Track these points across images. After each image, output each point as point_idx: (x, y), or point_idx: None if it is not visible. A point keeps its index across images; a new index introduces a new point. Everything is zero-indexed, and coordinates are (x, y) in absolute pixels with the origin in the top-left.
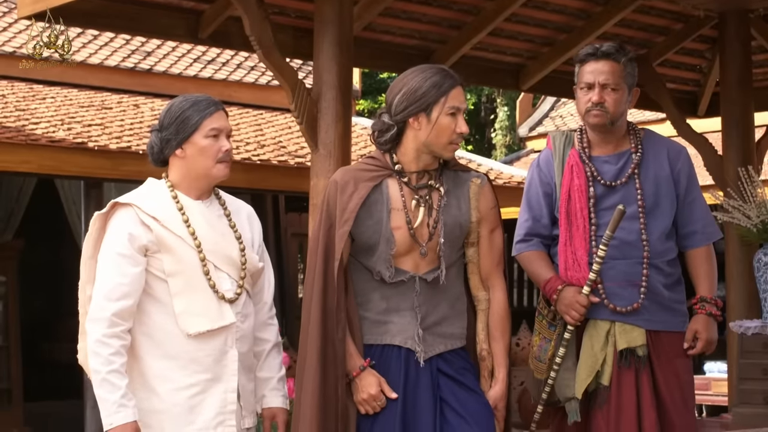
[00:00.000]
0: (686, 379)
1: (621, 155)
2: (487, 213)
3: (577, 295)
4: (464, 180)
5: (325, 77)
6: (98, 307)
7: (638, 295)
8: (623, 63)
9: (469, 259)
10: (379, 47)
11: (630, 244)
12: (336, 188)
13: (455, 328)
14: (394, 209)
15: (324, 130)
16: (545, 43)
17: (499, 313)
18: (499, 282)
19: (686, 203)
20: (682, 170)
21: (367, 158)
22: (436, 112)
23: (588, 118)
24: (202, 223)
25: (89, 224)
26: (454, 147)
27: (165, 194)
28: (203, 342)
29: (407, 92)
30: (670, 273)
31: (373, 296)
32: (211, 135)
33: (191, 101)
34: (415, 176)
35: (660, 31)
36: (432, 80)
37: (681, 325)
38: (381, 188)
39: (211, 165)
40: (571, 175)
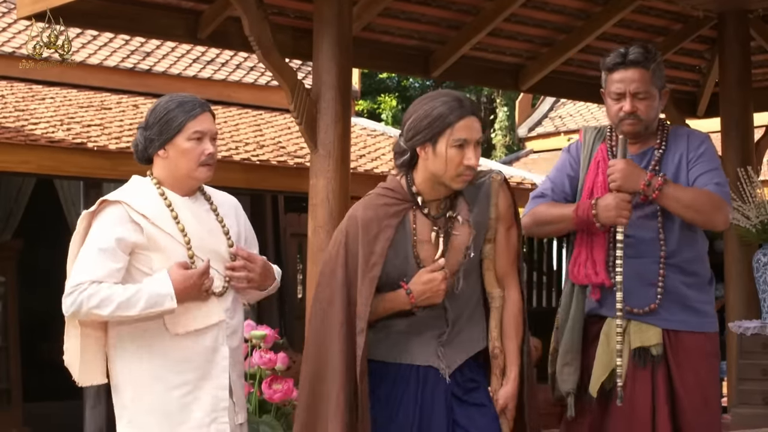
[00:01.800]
0: (708, 379)
1: (645, 153)
2: (506, 210)
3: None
4: (482, 183)
5: (325, 77)
6: (69, 286)
7: (655, 295)
8: (652, 69)
9: (485, 255)
10: (378, 47)
11: (646, 243)
12: (357, 226)
13: (473, 333)
14: (419, 242)
15: (323, 130)
16: (544, 43)
17: (513, 312)
18: (515, 281)
19: (696, 176)
20: (698, 149)
21: (384, 189)
22: (442, 144)
23: (622, 127)
24: (190, 219)
25: (78, 223)
26: (464, 179)
27: (152, 191)
28: (192, 341)
29: (415, 120)
30: (695, 272)
31: (395, 319)
32: (194, 138)
33: (177, 102)
34: (435, 205)
35: (659, 31)
36: (439, 110)
37: (706, 325)
38: (404, 223)
39: (193, 167)
40: (596, 170)
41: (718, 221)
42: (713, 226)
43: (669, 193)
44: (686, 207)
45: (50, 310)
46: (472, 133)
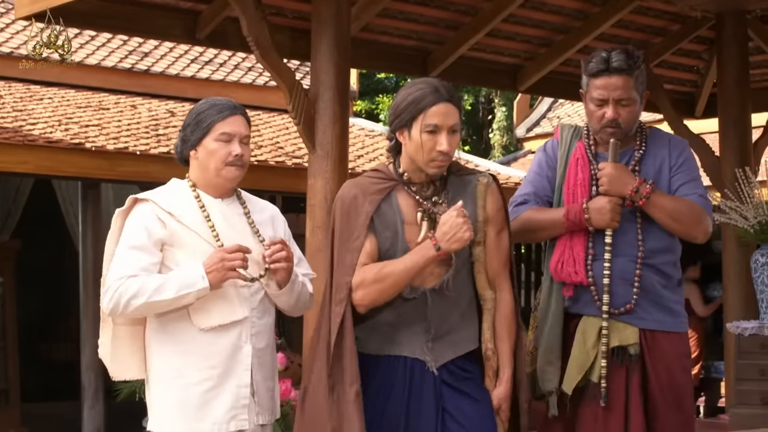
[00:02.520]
0: (682, 381)
1: (624, 154)
2: (495, 213)
3: (609, 197)
4: (469, 181)
5: (323, 78)
6: (105, 284)
7: (632, 294)
8: (635, 75)
9: (475, 258)
10: (376, 48)
11: (624, 242)
12: (343, 204)
13: (467, 332)
14: (408, 223)
15: (321, 130)
16: (543, 43)
17: (505, 314)
18: (507, 283)
19: (678, 185)
20: (679, 157)
21: (371, 171)
22: (416, 129)
23: (602, 134)
24: (221, 220)
25: (112, 221)
26: (437, 164)
27: (186, 192)
28: (216, 337)
29: (394, 106)
30: (669, 274)
31: (383, 308)
32: (222, 139)
33: (210, 104)
34: (420, 187)
35: (657, 32)
36: (414, 96)
37: (679, 325)
38: (390, 200)
39: (220, 167)
40: (576, 168)
41: (698, 233)
42: (692, 237)
43: (656, 201)
44: (670, 216)
45: (48, 310)
46: (446, 119)
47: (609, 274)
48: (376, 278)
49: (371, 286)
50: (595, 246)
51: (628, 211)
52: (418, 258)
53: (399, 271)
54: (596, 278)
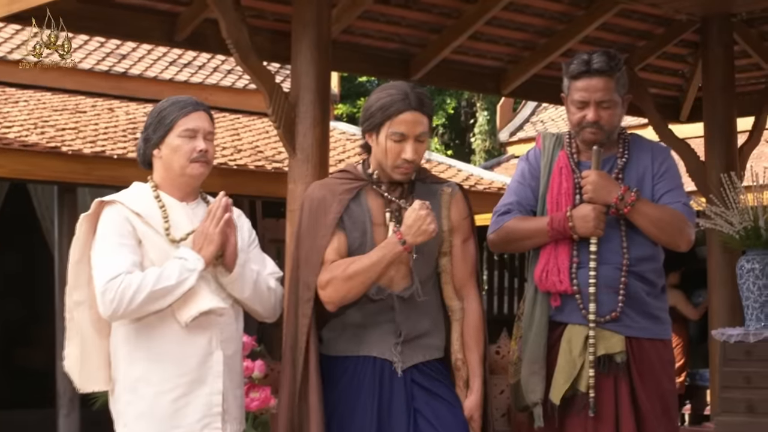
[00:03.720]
0: (668, 388)
1: (607, 161)
2: (460, 222)
3: (594, 205)
4: (435, 190)
5: (303, 81)
6: (100, 285)
7: (617, 302)
8: (616, 77)
9: (442, 269)
10: (357, 51)
11: (609, 250)
12: (311, 204)
13: (435, 339)
14: (376, 224)
15: (302, 134)
16: (526, 47)
17: (474, 323)
18: (474, 292)
19: (661, 193)
20: (662, 165)
21: (339, 172)
22: (382, 135)
23: (584, 135)
24: (184, 222)
25: (76, 227)
26: (402, 171)
27: (148, 194)
28: (186, 343)
29: (365, 107)
30: (653, 282)
31: (350, 309)
32: (185, 135)
33: (171, 101)
34: (388, 186)
35: (642, 35)
36: (383, 101)
37: (664, 332)
38: (360, 200)
39: (185, 164)
40: (559, 178)
41: (681, 242)
42: (675, 246)
43: (640, 209)
44: (654, 225)
45: (24, 316)
46: (412, 127)
47: (595, 282)
48: (344, 274)
49: (339, 282)
50: (580, 254)
51: (613, 219)
52: (385, 252)
53: (366, 267)
54: (581, 286)
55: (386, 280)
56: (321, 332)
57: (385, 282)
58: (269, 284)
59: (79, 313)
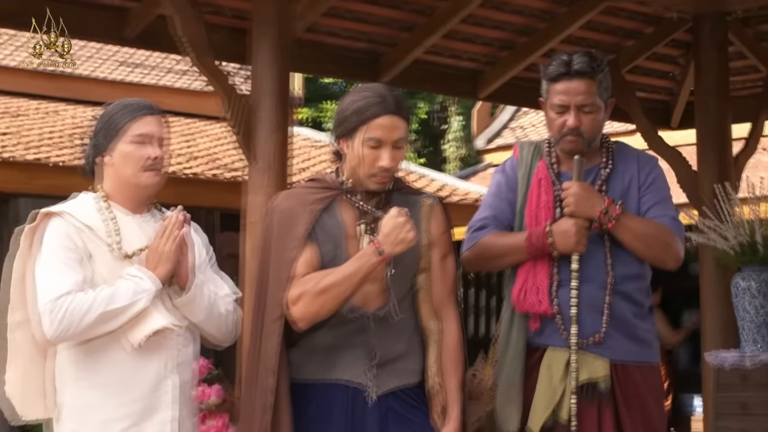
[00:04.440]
0: (655, 415)
1: (589, 171)
2: (439, 237)
3: (575, 219)
4: (413, 202)
5: (264, 83)
6: (44, 304)
7: (601, 323)
8: (598, 79)
9: (419, 287)
10: (322, 50)
11: (592, 268)
12: (281, 215)
13: (412, 362)
14: (350, 237)
15: (262, 140)
16: (504, 47)
17: (452, 346)
18: (453, 312)
19: (648, 206)
20: (649, 176)
21: (308, 181)
22: (357, 141)
23: (563, 144)
24: (136, 236)
25: (10, 242)
26: (378, 180)
27: (97, 206)
28: (140, 364)
29: (338, 111)
30: (640, 302)
31: (320, 330)
32: (137, 141)
33: (122, 105)
34: (363, 195)
35: (629, 34)
36: (358, 105)
37: (651, 356)
38: (333, 211)
39: (137, 172)
40: (538, 190)
41: (668, 259)
42: (663, 263)
43: (625, 224)
44: (640, 240)
45: None
46: (390, 133)
47: (576, 302)
48: (316, 288)
49: (311, 297)
50: (561, 272)
51: (596, 235)
52: (360, 264)
53: (341, 280)
54: (562, 307)
55: (360, 297)
56: (288, 355)
57: (358, 300)
58: (227, 306)
59: (21, 334)
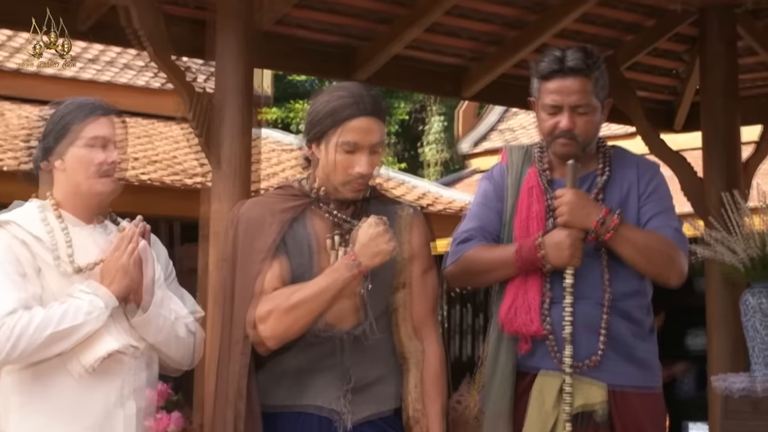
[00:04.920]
0: None
1: (584, 179)
2: (420, 249)
3: (568, 230)
4: (392, 212)
5: (229, 80)
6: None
7: (598, 345)
8: (594, 77)
9: (397, 304)
10: (292, 45)
11: (588, 283)
12: (246, 225)
13: (390, 387)
14: (322, 250)
15: (227, 143)
16: (492, 41)
17: (434, 369)
18: (434, 332)
19: (648, 217)
20: (650, 184)
21: (276, 189)
22: (330, 145)
23: (555, 147)
24: (90, 248)
25: None
26: (353, 187)
27: (46, 215)
28: (94, 389)
29: (310, 113)
30: (640, 320)
31: (289, 351)
32: (92, 144)
33: (75, 104)
34: (337, 205)
35: (629, 28)
36: (331, 105)
37: (653, 380)
38: (304, 221)
39: (92, 179)
40: (529, 199)
41: (671, 274)
42: (665, 279)
43: (624, 235)
44: (640, 254)
45: None
46: (366, 136)
47: (571, 321)
48: (287, 304)
49: (282, 313)
50: (553, 289)
51: (592, 247)
52: (335, 277)
53: (314, 294)
54: (555, 327)
55: (333, 315)
56: (256, 379)
57: (331, 318)
58: (188, 326)
59: None
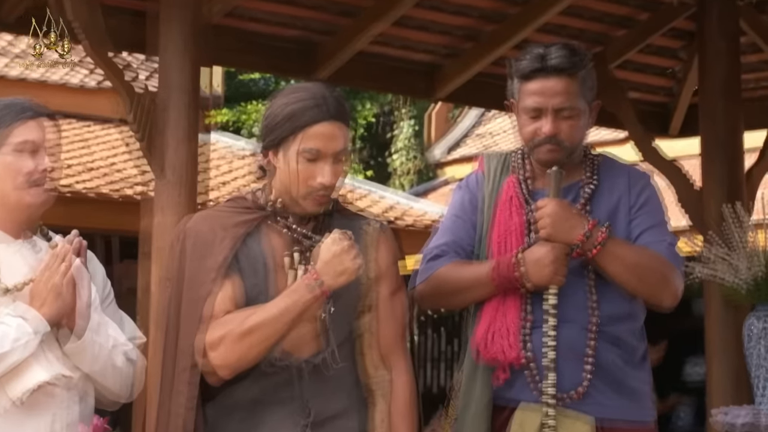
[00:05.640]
0: None
1: (569, 189)
2: (388, 269)
3: (551, 245)
4: (357, 227)
5: (174, 78)
6: None
7: (584, 374)
8: (581, 77)
9: (362, 330)
10: (245, 40)
11: (574, 305)
12: (194, 241)
13: (353, 421)
14: (279, 269)
15: (171, 149)
16: (468, 36)
17: (404, 400)
18: (403, 360)
19: (639, 231)
20: (641, 194)
21: (228, 201)
22: (290, 152)
23: (538, 154)
24: (19, 266)
25: None
26: (315, 200)
27: None
28: (22, 424)
29: (267, 117)
30: (631, 346)
31: (242, 381)
32: (22, 149)
33: (2, 104)
34: (297, 219)
35: (620, 22)
36: (291, 108)
37: (646, 413)
38: (259, 237)
39: (21, 188)
40: (507, 211)
41: (664, 295)
42: (657, 300)
43: (612, 251)
44: (630, 272)
45: None
46: (330, 142)
47: (554, 346)
48: (241, 329)
49: (235, 339)
50: (535, 311)
51: (577, 265)
52: (295, 299)
53: (270, 319)
54: (536, 354)
55: (291, 342)
56: (203, 412)
57: (288, 345)
58: (127, 353)
59: None
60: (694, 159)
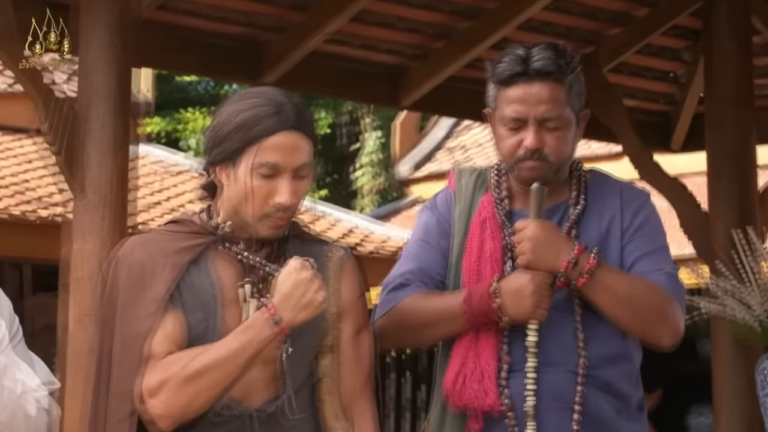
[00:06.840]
0: None
1: (554, 210)
2: (353, 303)
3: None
4: (317, 254)
5: (97, 82)
6: None
7: (570, 424)
8: (568, 82)
9: (323, 373)
10: (181, 36)
11: (558, 344)
12: (129, 270)
13: None
14: (228, 302)
15: (94, 163)
16: (439, 34)
17: None
18: (369, 408)
19: (634, 258)
20: (636, 216)
21: (169, 224)
22: (243, 168)
23: (519, 171)
24: None
25: None
26: (273, 223)
27: None
28: None
29: (213, 127)
30: (624, 393)
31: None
32: None
33: None
34: (246, 245)
35: (614, 18)
36: (244, 117)
37: None
38: (204, 266)
39: None
40: (481, 235)
41: (663, 333)
42: (654, 339)
43: (602, 280)
44: (623, 305)
45: None
46: (290, 156)
47: (534, 392)
48: (185, 373)
49: (178, 385)
50: (513, 350)
51: (562, 297)
52: (249, 337)
53: (220, 361)
54: (515, 400)
55: (240, 388)
56: None
57: (238, 392)
58: (38, 401)
59: None
60: (700, 177)
